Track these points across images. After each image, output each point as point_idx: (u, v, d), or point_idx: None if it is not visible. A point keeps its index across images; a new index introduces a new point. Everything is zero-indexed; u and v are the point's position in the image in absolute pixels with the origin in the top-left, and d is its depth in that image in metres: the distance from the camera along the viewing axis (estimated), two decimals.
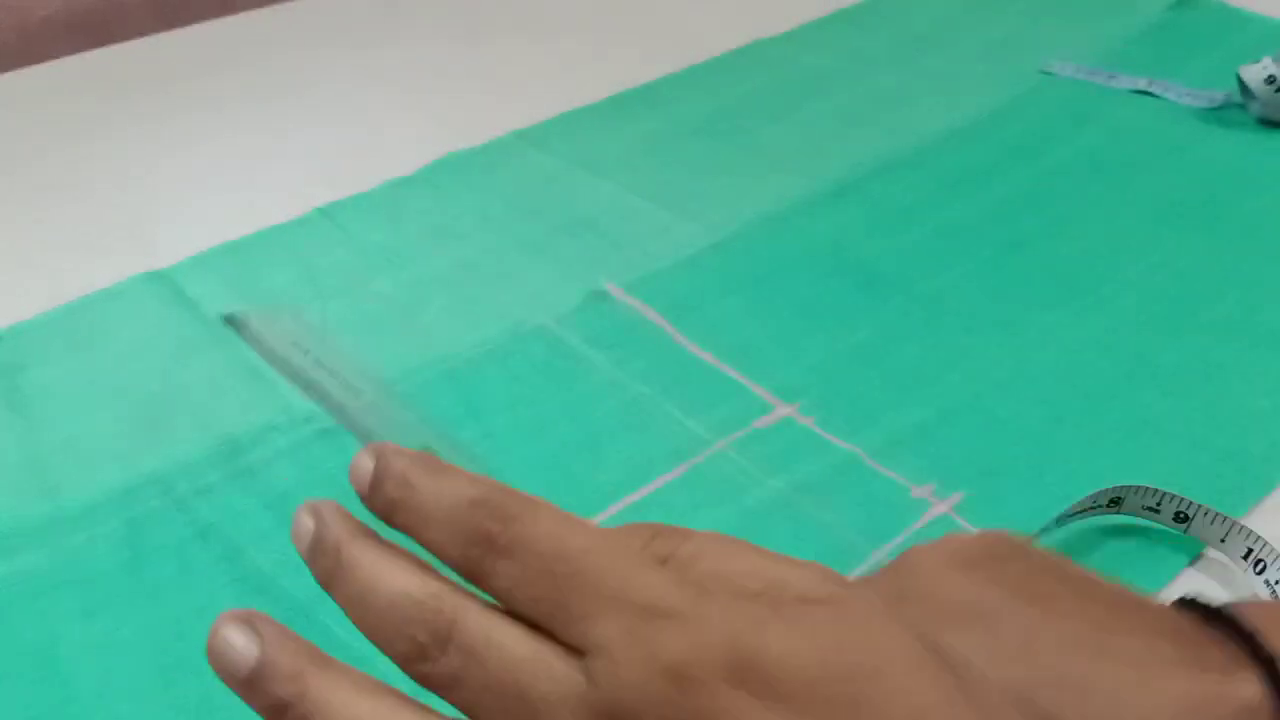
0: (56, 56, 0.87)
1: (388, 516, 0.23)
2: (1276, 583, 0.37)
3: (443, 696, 0.21)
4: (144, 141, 0.73)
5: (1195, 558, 0.39)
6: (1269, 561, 0.37)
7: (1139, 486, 0.39)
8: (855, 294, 0.55)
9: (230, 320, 0.30)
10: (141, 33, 0.90)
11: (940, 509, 0.42)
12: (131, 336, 0.54)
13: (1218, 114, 0.69)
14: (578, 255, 0.59)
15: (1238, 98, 0.69)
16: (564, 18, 0.91)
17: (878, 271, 0.56)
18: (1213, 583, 0.39)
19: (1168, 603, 0.27)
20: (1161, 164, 0.64)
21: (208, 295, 0.56)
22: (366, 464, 0.23)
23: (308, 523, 0.23)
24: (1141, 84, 0.73)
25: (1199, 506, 0.39)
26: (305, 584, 0.40)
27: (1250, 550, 0.38)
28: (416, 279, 0.57)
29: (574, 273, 0.57)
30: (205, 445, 0.46)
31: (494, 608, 0.21)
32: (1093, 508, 0.40)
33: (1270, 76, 0.66)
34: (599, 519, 0.42)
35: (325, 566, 0.23)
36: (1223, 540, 0.39)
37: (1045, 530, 0.39)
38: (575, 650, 0.20)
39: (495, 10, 0.93)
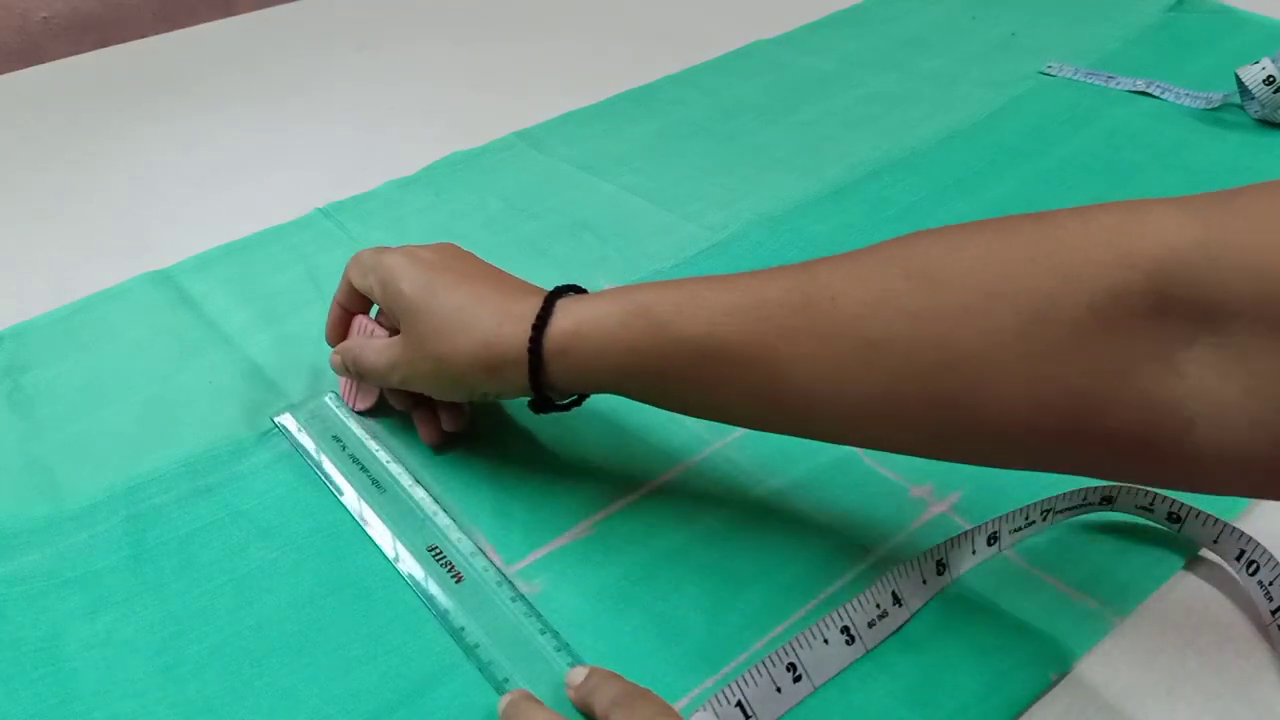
0: (58, 57, 0.87)
1: None
2: (1270, 584, 0.37)
3: None
4: (145, 142, 0.74)
5: (1191, 558, 0.39)
6: (1261, 563, 0.37)
7: (1131, 486, 0.39)
8: None
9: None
10: (142, 34, 0.91)
11: (939, 508, 0.42)
12: (133, 336, 0.54)
13: (1216, 114, 0.69)
14: (578, 255, 0.59)
15: (1236, 98, 0.69)
16: (564, 18, 0.91)
17: None
18: (1207, 584, 0.39)
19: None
20: (1160, 164, 0.64)
21: (209, 295, 0.57)
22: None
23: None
24: (1140, 85, 0.73)
25: (1191, 508, 0.39)
26: (305, 581, 0.40)
27: (1243, 552, 0.38)
28: None
29: (574, 273, 0.57)
30: (207, 444, 0.47)
31: None
32: (1084, 504, 0.40)
33: (1269, 77, 0.66)
34: (598, 518, 0.42)
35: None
36: (1215, 541, 0.39)
37: (1030, 524, 0.40)
38: None
39: (495, 10, 0.93)
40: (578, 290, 0.40)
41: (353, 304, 0.46)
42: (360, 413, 0.48)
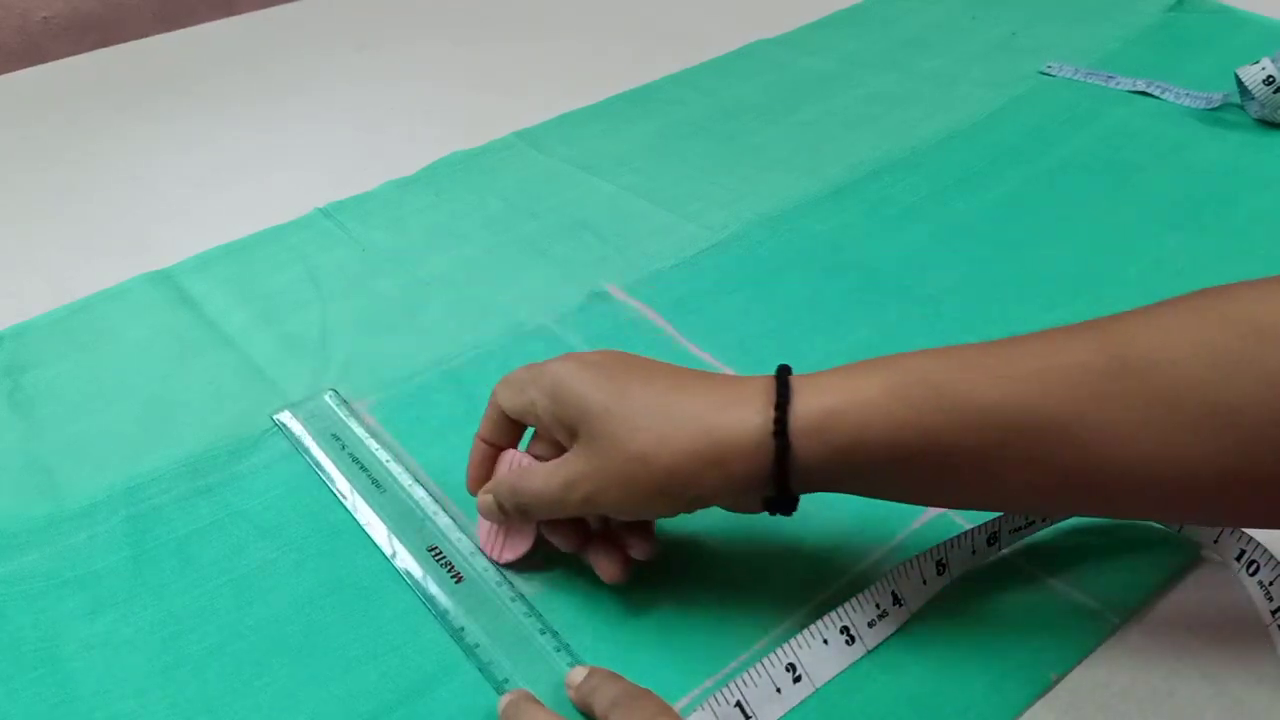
0: (58, 57, 0.87)
1: None
2: (1270, 584, 0.37)
3: None
4: (146, 142, 0.74)
5: (1191, 559, 0.39)
6: (1261, 563, 0.37)
7: None
8: (854, 294, 0.55)
9: None
10: (143, 34, 0.91)
11: (939, 508, 0.42)
12: (133, 336, 0.54)
13: (1216, 114, 0.69)
14: (578, 256, 0.59)
15: (1236, 98, 0.69)
16: (564, 18, 0.91)
17: (877, 271, 0.56)
18: (1207, 584, 0.39)
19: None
20: (1160, 164, 0.64)
21: (209, 295, 0.57)
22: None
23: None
24: (1140, 85, 0.73)
25: None
26: (305, 581, 0.40)
27: (1243, 552, 0.38)
28: (417, 279, 0.58)
29: (574, 273, 0.57)
30: (207, 444, 0.47)
31: None
32: None
33: (1268, 77, 0.66)
34: None
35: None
36: (1215, 541, 0.39)
37: (1030, 524, 0.39)
38: None
39: (495, 10, 0.93)
40: (790, 370, 0.35)
41: (502, 437, 0.40)
42: (506, 565, 0.41)
